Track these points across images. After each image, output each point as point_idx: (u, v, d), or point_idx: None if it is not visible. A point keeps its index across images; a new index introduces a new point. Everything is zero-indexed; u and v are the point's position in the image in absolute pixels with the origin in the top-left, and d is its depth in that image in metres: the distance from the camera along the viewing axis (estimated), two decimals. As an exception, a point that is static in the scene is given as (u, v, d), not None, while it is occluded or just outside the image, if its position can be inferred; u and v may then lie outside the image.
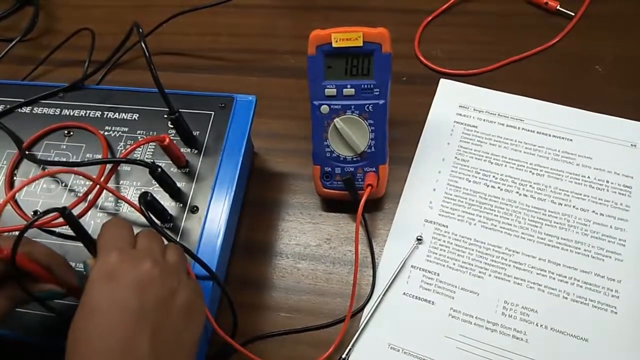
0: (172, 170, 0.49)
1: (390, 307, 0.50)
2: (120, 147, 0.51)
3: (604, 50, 0.62)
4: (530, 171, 0.55)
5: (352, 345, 0.48)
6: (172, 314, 0.35)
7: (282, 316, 0.51)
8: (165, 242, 0.41)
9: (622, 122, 0.57)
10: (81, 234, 0.38)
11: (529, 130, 0.58)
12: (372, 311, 0.49)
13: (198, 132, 0.51)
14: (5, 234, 0.43)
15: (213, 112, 0.52)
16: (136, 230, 0.46)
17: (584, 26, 0.64)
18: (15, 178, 0.51)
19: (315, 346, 0.48)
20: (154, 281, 0.35)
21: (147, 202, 0.43)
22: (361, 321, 0.49)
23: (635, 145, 0.56)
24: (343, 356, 0.48)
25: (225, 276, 0.52)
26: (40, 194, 0.49)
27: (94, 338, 0.32)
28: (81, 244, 0.39)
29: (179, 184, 0.48)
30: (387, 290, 0.50)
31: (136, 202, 0.42)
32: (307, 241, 0.54)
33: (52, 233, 0.45)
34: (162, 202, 0.46)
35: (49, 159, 0.51)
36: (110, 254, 0.35)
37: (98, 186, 0.45)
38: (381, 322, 0.49)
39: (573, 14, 0.65)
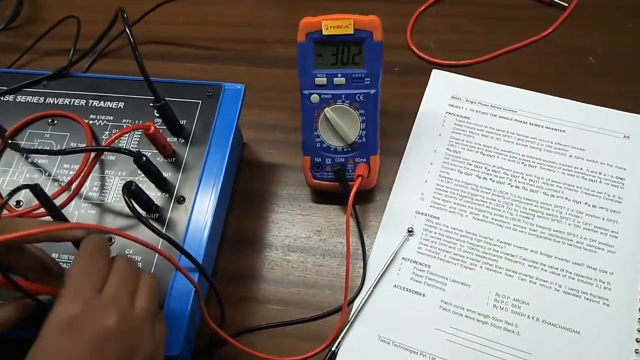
0: (158, 160, 0.48)
1: (381, 299, 0.49)
2: (105, 136, 0.50)
3: (597, 42, 0.62)
4: (523, 163, 0.55)
5: (342, 338, 0.47)
6: None
7: (271, 309, 0.50)
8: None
9: (615, 114, 0.57)
10: (52, 210, 0.37)
11: (521, 122, 0.57)
12: (362, 303, 0.49)
13: (185, 121, 0.50)
14: None
15: (200, 101, 0.51)
16: (123, 221, 0.46)
17: (577, 17, 0.64)
18: (-3, 167, 0.49)
19: (305, 339, 0.48)
20: (116, 339, 0.33)
21: (132, 192, 0.42)
22: (351, 313, 0.48)
23: (628, 137, 0.55)
24: (333, 349, 0.47)
25: (214, 268, 0.51)
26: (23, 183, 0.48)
27: None
28: None
29: (165, 174, 0.47)
30: (377, 283, 0.50)
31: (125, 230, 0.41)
32: (297, 233, 0.53)
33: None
34: (147, 192, 0.45)
35: (32, 147, 0.50)
36: (73, 302, 0.32)
37: (82, 175, 0.44)
38: (371, 315, 0.48)
39: (566, 4, 0.64)
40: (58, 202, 0.44)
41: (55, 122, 0.51)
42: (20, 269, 0.37)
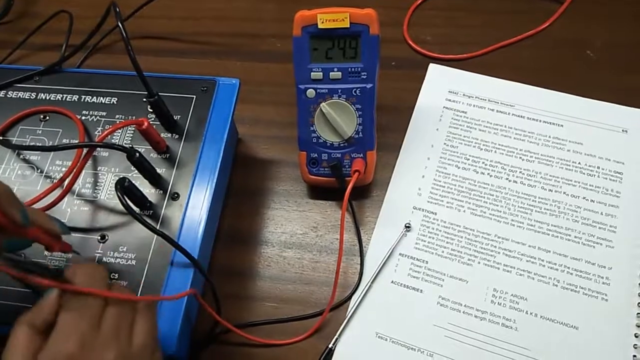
0: (151, 156, 0.47)
1: (378, 295, 0.49)
2: (98, 131, 0.49)
3: (595, 35, 0.62)
4: (520, 157, 0.54)
5: (339, 335, 0.47)
6: None
7: (268, 306, 0.49)
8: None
9: (613, 108, 0.56)
10: None
11: (519, 116, 0.57)
12: (359, 300, 0.48)
13: (179, 117, 0.49)
14: None
15: (194, 96, 0.50)
16: (116, 218, 0.45)
17: (574, 11, 0.63)
18: (-12, 164, 0.49)
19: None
20: None
21: (125, 188, 0.41)
22: (348, 310, 0.48)
23: (626, 131, 0.55)
24: (330, 346, 0.46)
25: (209, 266, 0.51)
26: (15, 181, 0.47)
27: None
28: None
29: (159, 170, 0.46)
30: (374, 279, 0.49)
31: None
32: (293, 229, 0.53)
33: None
34: (141, 189, 0.44)
35: (24, 144, 0.49)
36: (70, 339, 0.30)
37: (74, 172, 0.43)
38: (369, 311, 0.48)
39: (564, -2, 0.64)
40: (50, 198, 0.44)
41: (48, 118, 0.50)
42: None
